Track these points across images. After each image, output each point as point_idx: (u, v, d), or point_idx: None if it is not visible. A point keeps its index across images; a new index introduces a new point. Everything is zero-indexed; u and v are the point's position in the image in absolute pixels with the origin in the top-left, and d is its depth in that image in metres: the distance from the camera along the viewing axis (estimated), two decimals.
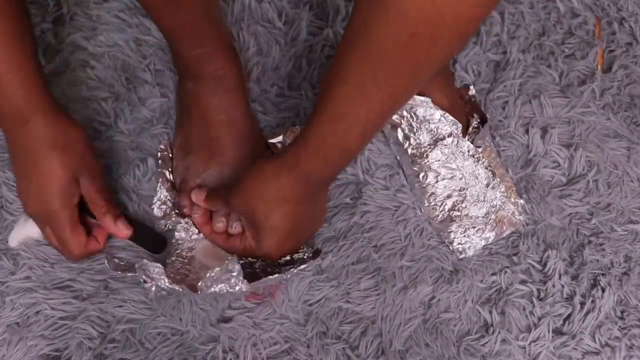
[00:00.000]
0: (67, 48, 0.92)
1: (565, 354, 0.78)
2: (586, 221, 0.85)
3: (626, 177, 0.87)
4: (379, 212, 0.84)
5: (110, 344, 0.78)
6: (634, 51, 0.94)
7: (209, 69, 0.80)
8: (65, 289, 0.80)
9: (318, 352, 0.78)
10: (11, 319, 0.78)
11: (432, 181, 0.81)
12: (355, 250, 0.82)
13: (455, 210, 0.82)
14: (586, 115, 0.90)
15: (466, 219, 0.82)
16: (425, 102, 0.79)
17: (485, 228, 0.82)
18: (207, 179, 0.82)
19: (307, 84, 0.90)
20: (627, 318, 0.80)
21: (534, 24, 0.94)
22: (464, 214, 0.82)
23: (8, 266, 0.81)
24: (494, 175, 0.82)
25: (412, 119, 0.80)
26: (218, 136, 0.82)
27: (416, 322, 0.79)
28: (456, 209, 0.82)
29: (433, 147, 0.81)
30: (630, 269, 0.82)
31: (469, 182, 0.81)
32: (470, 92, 0.86)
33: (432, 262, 0.82)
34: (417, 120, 0.80)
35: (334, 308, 0.80)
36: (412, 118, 0.80)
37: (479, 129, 0.84)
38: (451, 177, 0.81)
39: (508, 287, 0.81)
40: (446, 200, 0.82)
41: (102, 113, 0.88)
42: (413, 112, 0.80)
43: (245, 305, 0.80)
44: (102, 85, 0.90)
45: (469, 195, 0.82)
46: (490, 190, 0.82)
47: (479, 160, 0.81)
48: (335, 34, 0.93)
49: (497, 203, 0.82)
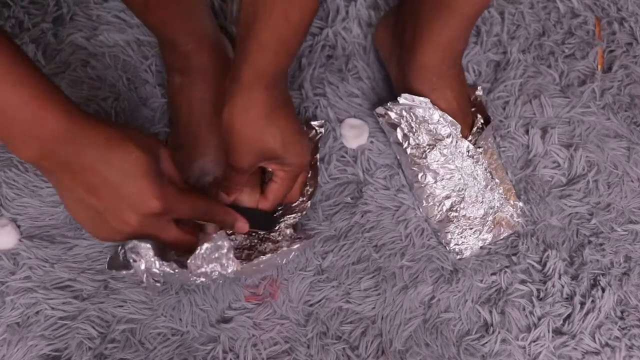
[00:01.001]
0: (67, 48, 0.92)
1: (565, 354, 0.78)
2: (586, 221, 0.85)
3: (626, 177, 0.87)
4: (380, 211, 0.84)
5: (111, 344, 0.78)
6: (634, 51, 0.94)
7: (194, 64, 0.81)
8: (65, 289, 0.80)
9: (318, 352, 0.78)
10: (11, 319, 0.78)
11: (430, 181, 0.82)
12: (355, 250, 0.82)
13: (453, 210, 0.82)
14: (586, 115, 0.90)
15: (464, 219, 0.82)
16: (425, 103, 0.79)
17: (483, 229, 0.82)
18: (193, 173, 0.82)
19: (308, 84, 0.90)
20: (627, 318, 0.80)
21: (534, 24, 0.94)
22: (461, 215, 0.82)
23: (8, 266, 0.81)
24: (493, 176, 0.82)
25: (411, 119, 0.80)
26: (201, 128, 0.82)
27: (416, 322, 0.79)
28: (454, 209, 0.82)
29: (432, 147, 0.81)
30: (630, 269, 0.82)
31: (467, 182, 0.81)
32: (478, 92, 0.86)
33: (432, 262, 0.82)
34: (417, 121, 0.80)
35: (334, 308, 0.80)
36: (412, 118, 0.80)
37: (483, 130, 0.84)
38: (450, 177, 0.81)
39: (508, 287, 0.81)
40: (444, 200, 0.82)
41: (103, 113, 0.88)
42: (412, 112, 0.80)
43: (245, 305, 0.80)
44: (103, 85, 0.90)
45: (467, 196, 0.82)
46: (489, 191, 0.82)
47: (478, 161, 0.81)
48: (335, 34, 0.93)
49: (496, 204, 0.82)
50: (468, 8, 0.75)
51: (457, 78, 0.81)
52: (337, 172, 0.86)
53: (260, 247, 0.80)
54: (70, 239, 0.82)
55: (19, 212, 0.83)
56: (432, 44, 0.78)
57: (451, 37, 0.77)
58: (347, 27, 0.93)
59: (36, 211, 0.83)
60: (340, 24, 0.94)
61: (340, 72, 0.91)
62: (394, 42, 0.86)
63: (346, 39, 0.93)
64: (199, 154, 0.82)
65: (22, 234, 0.82)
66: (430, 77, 0.79)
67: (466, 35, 0.79)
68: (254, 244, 0.81)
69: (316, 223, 0.83)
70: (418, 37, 0.78)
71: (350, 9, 0.94)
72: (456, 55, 0.80)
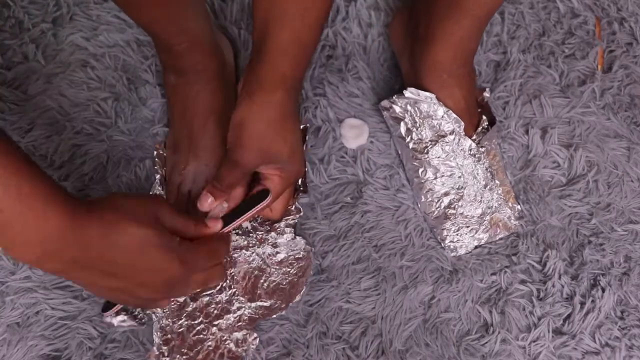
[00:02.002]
0: (67, 48, 0.92)
1: (565, 353, 0.78)
2: (586, 221, 0.85)
3: (626, 177, 0.87)
4: (379, 211, 0.84)
5: (111, 344, 0.78)
6: (634, 51, 0.94)
7: (188, 63, 0.81)
8: (65, 289, 0.80)
9: (318, 352, 0.78)
10: (11, 319, 0.78)
11: (430, 177, 0.82)
12: (355, 250, 0.82)
13: (451, 208, 0.82)
14: (586, 115, 0.90)
15: (461, 217, 0.82)
16: (430, 98, 0.79)
17: (479, 229, 0.82)
18: (187, 175, 0.82)
19: (308, 84, 0.90)
20: (627, 318, 0.80)
21: (534, 24, 0.94)
22: (459, 213, 0.82)
23: (8, 266, 0.81)
24: (494, 177, 0.82)
25: (415, 114, 0.80)
26: (194, 129, 0.82)
27: (416, 322, 0.79)
28: (452, 207, 0.82)
29: (434, 143, 0.81)
30: (630, 269, 0.82)
31: (467, 181, 0.81)
32: (485, 93, 0.86)
33: (432, 262, 0.82)
34: (421, 116, 0.80)
35: (334, 308, 0.80)
36: (416, 113, 0.80)
37: (488, 130, 0.84)
38: (450, 174, 0.81)
39: (508, 287, 0.81)
40: (443, 197, 0.82)
41: (103, 113, 0.88)
42: (417, 107, 0.80)
43: None
44: (103, 85, 0.90)
45: (466, 195, 0.82)
46: (488, 191, 0.82)
47: (479, 160, 0.81)
48: (335, 34, 0.93)
49: (494, 205, 0.82)
50: (478, 9, 0.75)
51: (467, 77, 0.82)
52: (337, 172, 0.86)
53: (258, 249, 0.80)
54: None
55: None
56: (444, 42, 0.78)
57: (463, 37, 0.78)
58: (347, 27, 0.93)
59: None
60: (340, 24, 0.94)
61: (340, 72, 0.91)
62: (407, 37, 0.86)
63: (346, 39, 0.93)
64: (193, 156, 0.82)
65: None
66: (441, 74, 0.80)
67: (477, 35, 0.79)
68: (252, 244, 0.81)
69: (316, 222, 0.83)
70: (431, 34, 0.79)
71: (350, 9, 0.94)
72: (467, 55, 0.80)
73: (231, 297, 0.78)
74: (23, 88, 0.89)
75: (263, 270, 0.79)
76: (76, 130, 0.87)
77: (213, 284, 0.74)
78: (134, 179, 0.85)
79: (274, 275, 0.79)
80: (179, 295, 0.66)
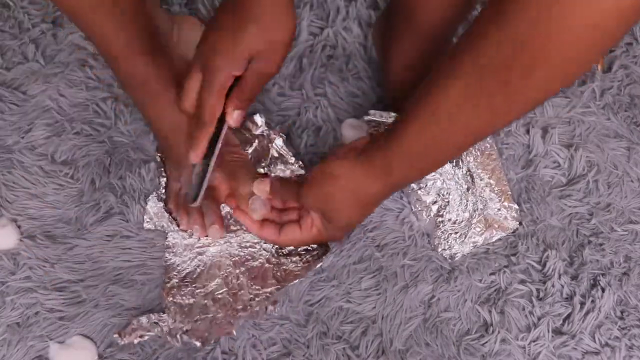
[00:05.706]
0: (66, 48, 0.92)
1: (565, 353, 0.78)
2: (586, 221, 0.85)
3: (626, 177, 0.87)
4: (383, 212, 0.84)
5: (109, 348, 0.78)
6: (634, 51, 0.94)
7: (136, 79, 0.78)
8: (65, 290, 0.80)
9: (318, 352, 0.78)
10: (11, 319, 0.78)
11: (414, 187, 0.82)
12: (357, 250, 0.82)
13: (439, 215, 0.82)
14: (586, 115, 0.90)
15: (449, 224, 0.82)
16: (392, 118, 0.78)
17: (472, 232, 0.82)
18: (184, 182, 0.81)
19: (308, 84, 0.90)
20: (627, 318, 0.80)
21: None
22: (447, 219, 0.82)
23: (8, 266, 0.80)
24: (473, 179, 0.82)
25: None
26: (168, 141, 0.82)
27: (416, 321, 0.79)
28: (440, 214, 0.82)
29: None
30: (630, 269, 0.82)
31: (450, 186, 0.82)
32: None
33: (432, 261, 0.82)
34: None
35: (334, 308, 0.80)
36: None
37: None
38: (432, 183, 0.81)
39: (507, 287, 0.81)
40: (431, 205, 0.82)
41: (102, 114, 0.88)
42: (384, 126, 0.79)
43: None
44: (102, 85, 0.90)
45: (452, 200, 0.82)
46: (471, 195, 0.82)
47: (457, 165, 0.81)
48: (336, 34, 0.93)
49: (479, 207, 0.82)
50: (427, 26, 0.78)
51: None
52: None
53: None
54: (71, 239, 0.82)
55: (19, 212, 0.83)
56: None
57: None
58: (347, 27, 0.93)
59: (36, 211, 0.83)
60: (340, 24, 0.94)
61: (341, 72, 0.91)
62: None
63: (347, 39, 0.93)
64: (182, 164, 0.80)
65: (22, 234, 0.82)
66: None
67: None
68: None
69: None
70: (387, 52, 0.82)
71: (351, 9, 0.94)
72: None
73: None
74: (23, 88, 0.89)
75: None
76: (76, 130, 0.87)
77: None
78: (139, 178, 0.85)
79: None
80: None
